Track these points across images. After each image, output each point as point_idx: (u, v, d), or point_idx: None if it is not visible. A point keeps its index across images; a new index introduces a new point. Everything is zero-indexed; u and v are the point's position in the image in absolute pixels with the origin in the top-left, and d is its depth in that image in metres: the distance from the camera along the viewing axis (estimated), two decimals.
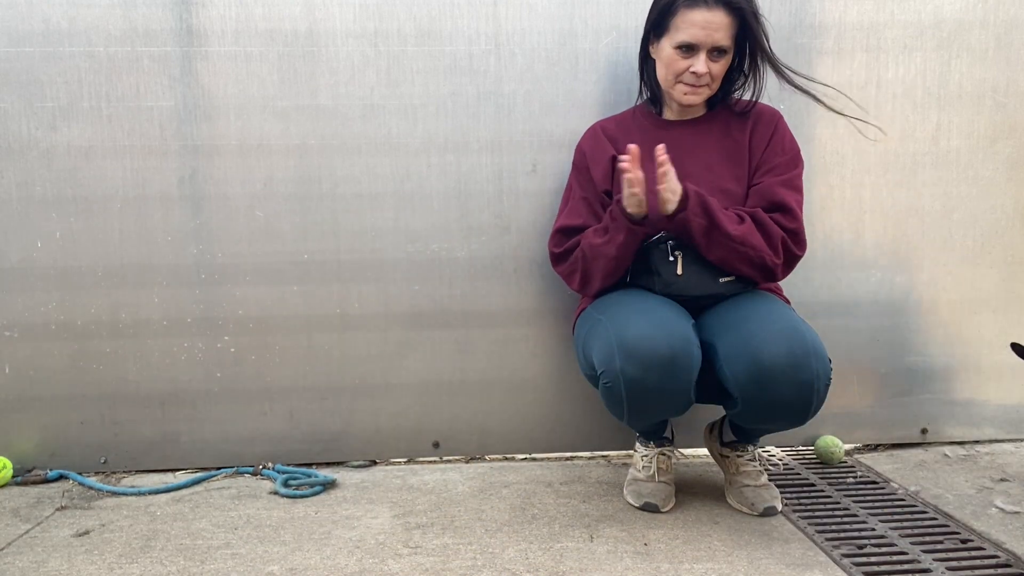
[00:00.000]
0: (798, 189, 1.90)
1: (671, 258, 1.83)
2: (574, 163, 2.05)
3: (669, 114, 2.00)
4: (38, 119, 2.10)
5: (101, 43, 2.09)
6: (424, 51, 2.16)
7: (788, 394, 1.64)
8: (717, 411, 2.10)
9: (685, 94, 1.88)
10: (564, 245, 1.97)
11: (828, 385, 1.67)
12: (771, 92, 2.20)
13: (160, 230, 2.16)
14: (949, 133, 2.28)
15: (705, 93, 1.89)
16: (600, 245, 1.85)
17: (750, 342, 1.66)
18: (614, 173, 1.95)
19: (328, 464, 2.27)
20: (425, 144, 2.19)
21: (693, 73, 1.84)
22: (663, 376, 1.65)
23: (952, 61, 2.26)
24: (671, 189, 1.74)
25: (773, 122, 1.95)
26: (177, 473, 2.22)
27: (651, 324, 1.68)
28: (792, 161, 1.92)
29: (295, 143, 2.16)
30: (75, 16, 2.08)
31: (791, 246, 1.85)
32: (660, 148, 1.71)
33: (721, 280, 1.84)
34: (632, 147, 1.72)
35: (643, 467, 1.98)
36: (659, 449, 1.99)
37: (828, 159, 2.24)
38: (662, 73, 1.90)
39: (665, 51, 1.87)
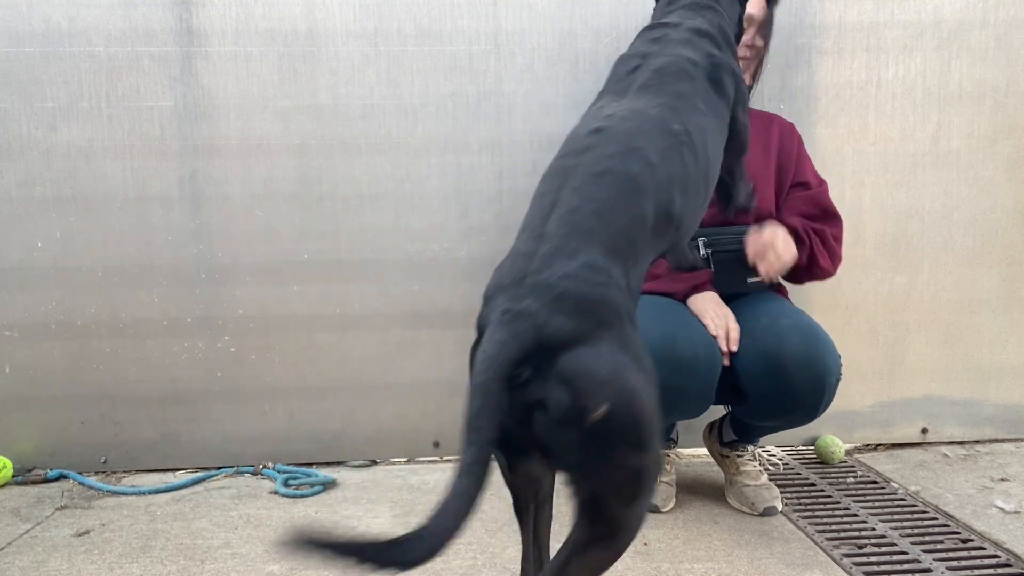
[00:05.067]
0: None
1: (703, 255, 1.82)
2: None
3: None
4: (38, 119, 2.10)
5: (101, 43, 2.09)
6: (424, 51, 2.16)
7: (802, 388, 1.64)
8: (717, 411, 2.10)
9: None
10: None
11: (839, 381, 1.68)
12: (772, 93, 2.20)
13: (160, 230, 2.15)
14: (949, 133, 2.28)
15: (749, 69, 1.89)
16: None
17: (767, 337, 1.67)
18: None
19: (328, 464, 2.27)
20: (425, 144, 2.18)
21: (747, 46, 1.83)
22: (686, 378, 1.63)
23: (952, 61, 2.26)
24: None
25: (795, 133, 1.97)
26: (177, 473, 2.22)
27: (674, 325, 1.67)
28: (814, 169, 1.98)
29: (295, 143, 2.16)
30: (75, 16, 2.07)
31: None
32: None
33: (749, 280, 1.83)
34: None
35: None
36: None
37: (828, 159, 2.23)
38: None
39: None
